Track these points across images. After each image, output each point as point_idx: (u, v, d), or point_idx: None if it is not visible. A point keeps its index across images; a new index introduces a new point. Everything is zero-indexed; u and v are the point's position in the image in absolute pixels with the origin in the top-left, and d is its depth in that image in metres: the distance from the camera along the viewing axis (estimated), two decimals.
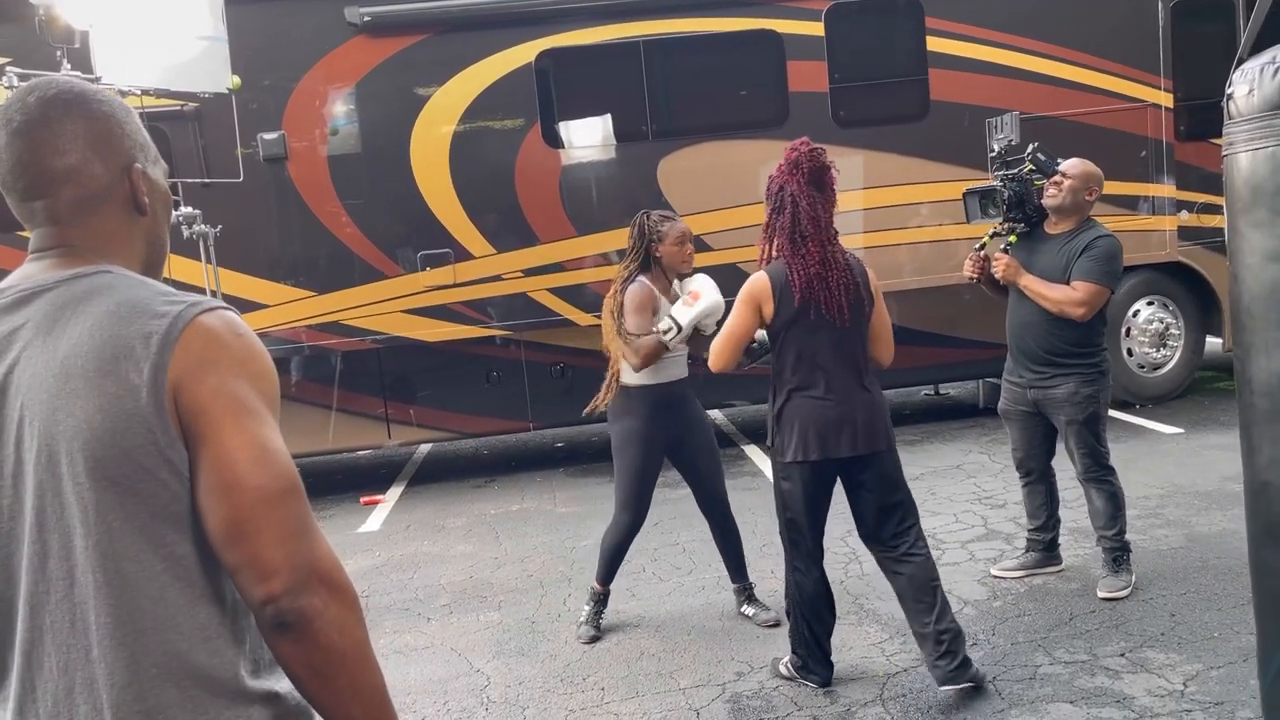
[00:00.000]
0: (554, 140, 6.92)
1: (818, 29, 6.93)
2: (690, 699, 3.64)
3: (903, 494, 3.53)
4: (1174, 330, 7.42)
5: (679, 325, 3.93)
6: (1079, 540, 4.73)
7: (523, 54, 6.74)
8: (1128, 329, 7.36)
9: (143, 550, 1.20)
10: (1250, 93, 2.10)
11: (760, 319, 3.47)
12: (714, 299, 3.96)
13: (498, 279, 6.84)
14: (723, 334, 3.53)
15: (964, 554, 4.81)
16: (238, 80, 5.70)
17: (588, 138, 7.13)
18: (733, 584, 4.38)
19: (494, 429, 7.53)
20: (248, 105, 6.30)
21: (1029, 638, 3.86)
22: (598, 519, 5.37)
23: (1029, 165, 4.20)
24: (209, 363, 1.22)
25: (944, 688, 3.37)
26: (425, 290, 6.77)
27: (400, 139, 6.69)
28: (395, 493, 7.15)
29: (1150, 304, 7.39)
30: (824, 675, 3.60)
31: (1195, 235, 7.29)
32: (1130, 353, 7.38)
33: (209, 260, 5.56)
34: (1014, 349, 4.32)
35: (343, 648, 1.24)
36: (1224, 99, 2.21)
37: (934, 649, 3.38)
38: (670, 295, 4.16)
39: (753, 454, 7.15)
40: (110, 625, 1.19)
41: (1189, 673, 3.47)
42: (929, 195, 7.04)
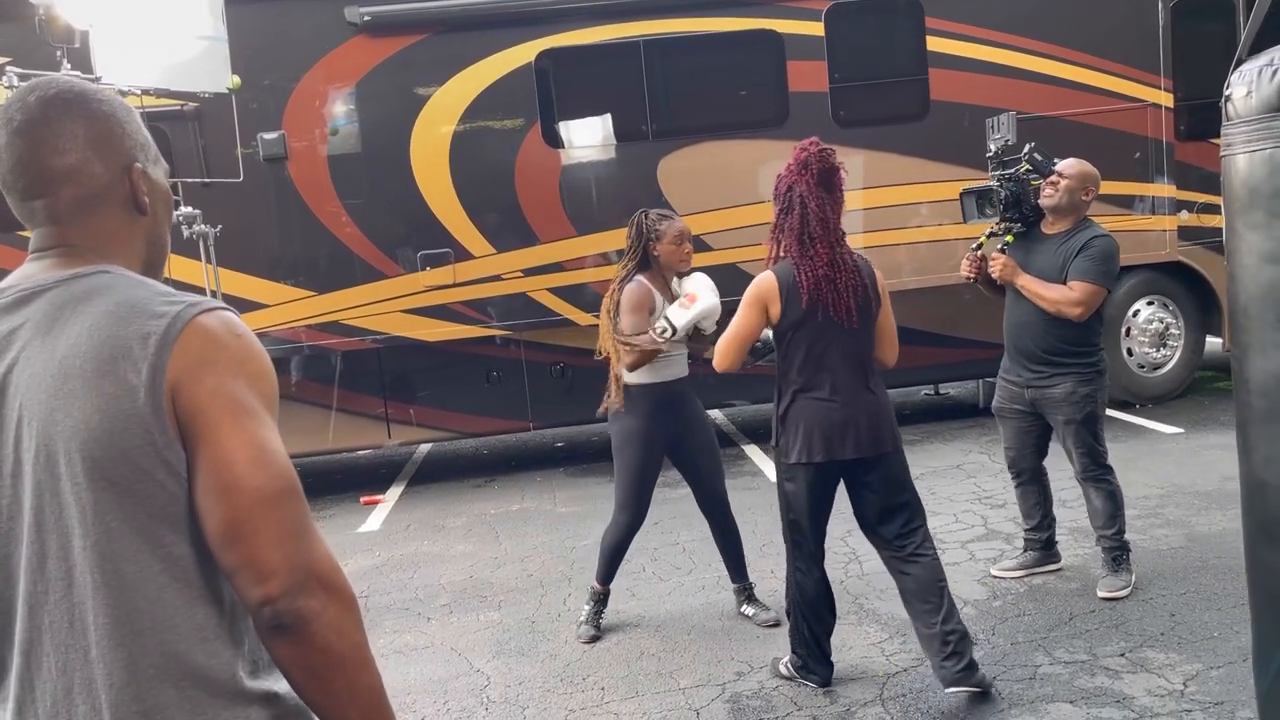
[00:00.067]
0: (554, 140, 6.92)
1: (818, 29, 6.93)
2: (690, 699, 3.65)
3: (909, 495, 3.52)
4: (1174, 330, 7.41)
5: (674, 328, 3.91)
6: (1078, 540, 4.74)
7: (522, 54, 6.74)
8: (1128, 329, 7.36)
9: (140, 551, 1.20)
10: (1248, 95, 2.10)
11: (766, 319, 3.45)
12: (711, 302, 3.93)
13: (498, 279, 6.84)
14: (728, 334, 3.50)
15: (964, 554, 4.81)
16: (238, 80, 5.70)
17: (588, 137, 7.13)
18: (733, 584, 4.37)
19: (494, 429, 7.53)
20: (248, 105, 6.30)
21: (1029, 638, 3.86)
22: (598, 519, 5.37)
23: (1025, 165, 4.20)
24: (207, 363, 1.21)
25: (949, 689, 3.36)
26: (425, 290, 6.77)
27: (400, 139, 6.69)
28: (395, 492, 7.15)
29: (1150, 304, 7.39)
30: (824, 675, 3.60)
31: (1195, 235, 7.28)
32: (1130, 352, 7.38)
33: (209, 260, 5.56)
34: (1011, 348, 4.32)
35: (340, 650, 1.24)
36: (1222, 101, 2.21)
37: (940, 650, 3.37)
38: (669, 294, 4.14)
39: (753, 454, 7.15)
40: (108, 625, 1.19)
41: (1189, 672, 3.48)
42: (929, 195, 7.04)
